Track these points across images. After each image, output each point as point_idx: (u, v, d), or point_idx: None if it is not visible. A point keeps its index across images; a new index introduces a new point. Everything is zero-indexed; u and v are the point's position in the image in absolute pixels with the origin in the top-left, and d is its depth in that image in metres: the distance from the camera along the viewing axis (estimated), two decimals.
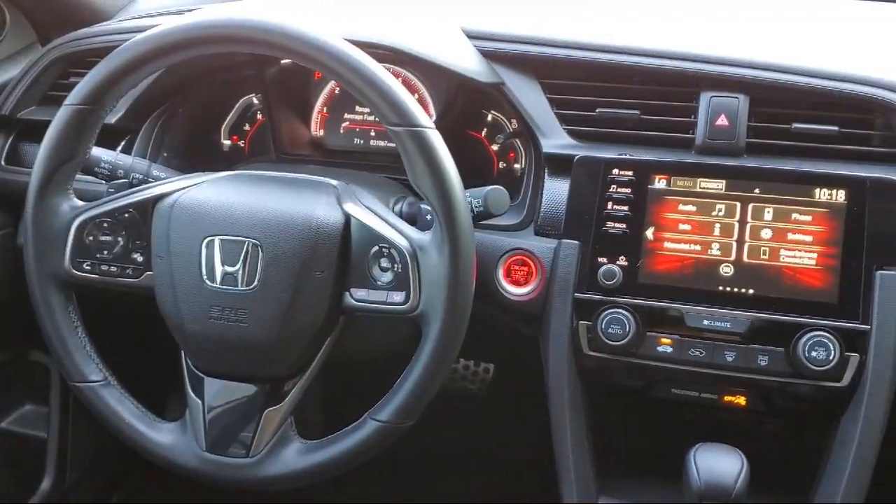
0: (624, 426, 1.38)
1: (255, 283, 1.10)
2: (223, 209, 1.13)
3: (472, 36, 1.34)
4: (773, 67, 1.23)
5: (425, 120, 1.07)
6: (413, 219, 1.20)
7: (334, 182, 1.17)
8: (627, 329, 1.18)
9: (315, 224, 1.10)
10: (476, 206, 1.17)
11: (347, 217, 1.12)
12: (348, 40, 1.08)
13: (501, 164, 1.46)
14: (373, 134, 1.50)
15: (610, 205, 1.23)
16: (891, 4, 1.57)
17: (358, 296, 1.12)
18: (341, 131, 1.52)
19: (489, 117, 1.45)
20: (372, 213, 1.13)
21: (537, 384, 1.30)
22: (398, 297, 1.10)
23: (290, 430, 1.16)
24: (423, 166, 1.06)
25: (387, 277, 1.10)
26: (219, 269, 1.11)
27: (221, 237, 1.12)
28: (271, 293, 1.10)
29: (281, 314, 1.10)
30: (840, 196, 1.16)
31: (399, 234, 1.10)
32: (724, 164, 1.21)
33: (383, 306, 1.11)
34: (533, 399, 1.36)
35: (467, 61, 1.31)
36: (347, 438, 1.13)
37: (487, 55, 1.33)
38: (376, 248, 1.10)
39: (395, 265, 1.10)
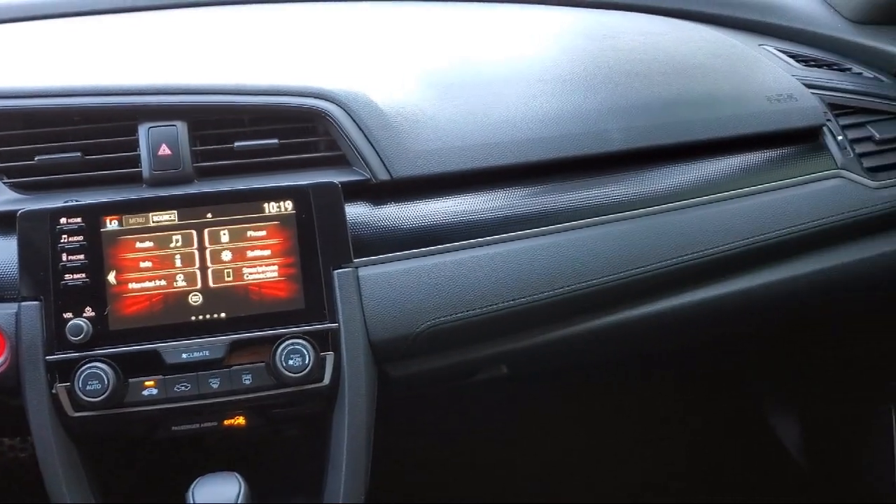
0: (135, 473, 1.34)
1: None
2: None
3: None
4: (204, 90, 1.23)
5: None
6: None
7: None
8: (107, 382, 1.13)
9: None
10: None
11: None
12: None
13: None
14: None
15: (65, 256, 1.16)
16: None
17: None
18: None
19: None
20: None
21: None
22: None
23: None
24: None
25: None
26: None
27: None
28: None
29: None
30: (288, 206, 1.20)
31: None
32: (170, 195, 1.19)
33: None
34: None
35: None
36: None
37: None
38: None
39: None
